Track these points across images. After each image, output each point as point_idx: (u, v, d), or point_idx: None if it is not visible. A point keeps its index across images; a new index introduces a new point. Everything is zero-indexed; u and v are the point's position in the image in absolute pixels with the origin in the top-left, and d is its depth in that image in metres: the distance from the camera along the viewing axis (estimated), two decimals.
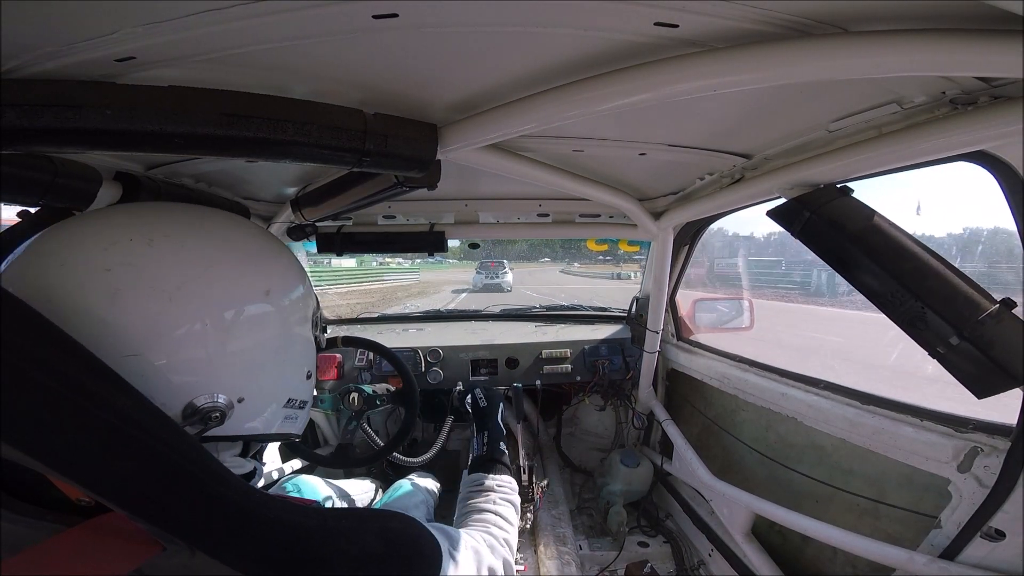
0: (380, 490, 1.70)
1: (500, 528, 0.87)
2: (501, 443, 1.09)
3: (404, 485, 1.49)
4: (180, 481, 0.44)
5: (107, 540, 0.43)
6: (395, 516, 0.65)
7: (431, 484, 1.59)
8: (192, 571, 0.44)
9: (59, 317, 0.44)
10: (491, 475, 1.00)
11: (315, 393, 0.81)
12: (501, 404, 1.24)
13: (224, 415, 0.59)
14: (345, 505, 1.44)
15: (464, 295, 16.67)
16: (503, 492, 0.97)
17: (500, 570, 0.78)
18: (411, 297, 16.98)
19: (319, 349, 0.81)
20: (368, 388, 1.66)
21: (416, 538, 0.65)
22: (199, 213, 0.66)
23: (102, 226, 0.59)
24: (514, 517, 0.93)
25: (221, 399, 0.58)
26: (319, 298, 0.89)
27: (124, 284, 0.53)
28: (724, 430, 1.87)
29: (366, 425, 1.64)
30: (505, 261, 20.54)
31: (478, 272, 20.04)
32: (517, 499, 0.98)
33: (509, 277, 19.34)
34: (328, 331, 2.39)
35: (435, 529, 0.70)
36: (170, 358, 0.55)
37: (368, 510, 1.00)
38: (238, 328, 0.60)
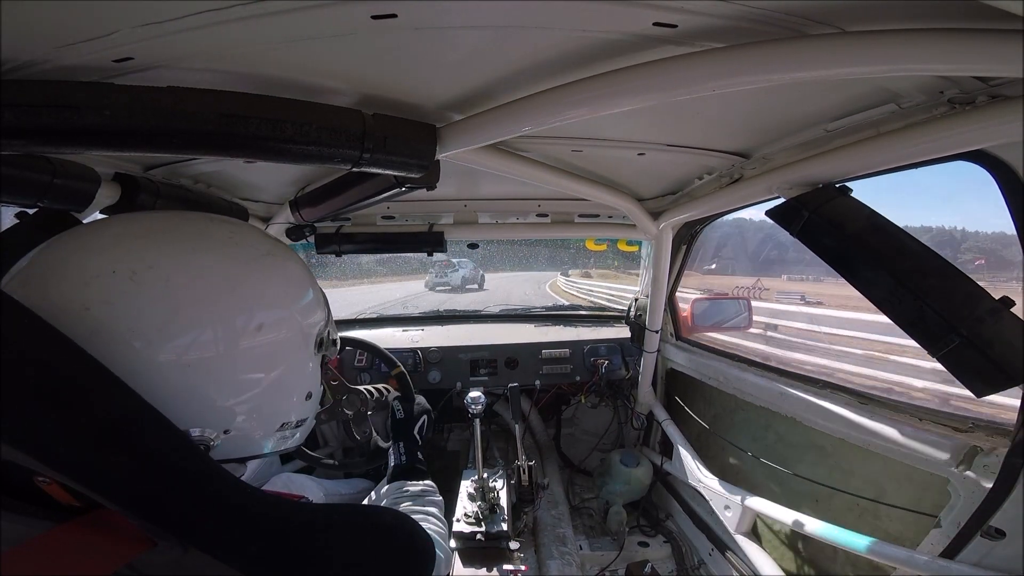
0: (375, 490, 1.69)
1: (433, 525, 0.92)
2: (418, 452, 1.14)
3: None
4: (174, 478, 0.44)
5: (98, 536, 0.43)
6: (387, 512, 0.65)
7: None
8: (184, 567, 0.44)
9: None
10: (413, 481, 1.05)
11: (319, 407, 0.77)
12: (424, 418, 1.27)
13: (209, 447, 0.58)
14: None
15: None
16: (428, 495, 1.03)
17: (444, 561, 0.84)
18: None
19: (327, 361, 0.76)
20: (366, 389, 1.65)
21: (410, 534, 0.65)
22: (191, 235, 0.61)
23: (82, 255, 0.55)
24: (441, 515, 0.99)
25: (208, 432, 0.57)
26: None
27: (103, 323, 0.50)
28: (724, 430, 1.87)
29: (370, 427, 1.64)
30: (459, 260, 18.77)
31: (429, 273, 19.53)
32: (440, 500, 1.04)
33: (460, 272, 18.48)
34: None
35: None
36: (154, 393, 0.51)
37: (361, 506, 1.00)
38: (226, 365, 0.57)
